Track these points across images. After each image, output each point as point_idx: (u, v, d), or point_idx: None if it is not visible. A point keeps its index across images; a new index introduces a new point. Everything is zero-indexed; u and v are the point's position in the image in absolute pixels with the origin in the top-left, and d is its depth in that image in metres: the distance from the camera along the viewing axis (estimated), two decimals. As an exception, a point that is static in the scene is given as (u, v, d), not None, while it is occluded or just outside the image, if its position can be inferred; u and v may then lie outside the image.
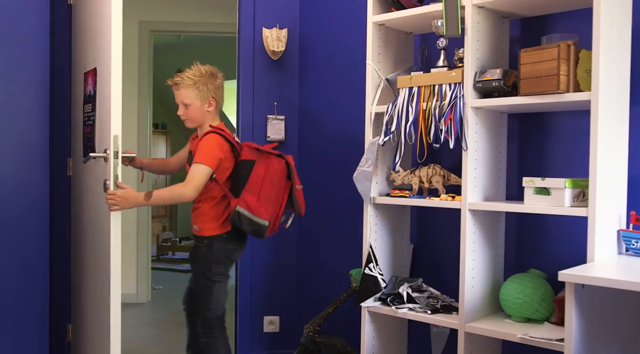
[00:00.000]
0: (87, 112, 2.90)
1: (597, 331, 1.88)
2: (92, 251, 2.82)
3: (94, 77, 2.77)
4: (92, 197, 2.81)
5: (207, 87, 2.58)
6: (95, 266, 2.74)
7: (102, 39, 2.60)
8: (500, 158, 2.50)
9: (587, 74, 2.11)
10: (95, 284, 2.74)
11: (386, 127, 2.53)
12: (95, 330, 2.85)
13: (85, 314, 3.04)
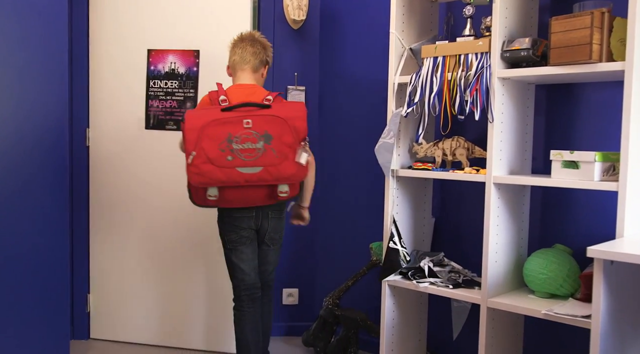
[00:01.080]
0: (164, 88, 3.23)
1: (625, 308, 1.83)
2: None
3: (190, 58, 3.20)
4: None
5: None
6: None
7: (208, 27, 3.15)
8: (526, 130, 2.43)
9: (621, 43, 2.03)
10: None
11: (409, 98, 2.47)
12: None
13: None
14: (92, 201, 3.29)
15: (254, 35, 2.64)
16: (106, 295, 3.32)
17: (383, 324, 2.59)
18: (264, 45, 2.63)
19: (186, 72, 3.22)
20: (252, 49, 2.59)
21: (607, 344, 1.74)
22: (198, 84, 3.20)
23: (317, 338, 3.10)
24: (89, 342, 3.29)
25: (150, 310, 3.32)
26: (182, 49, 3.20)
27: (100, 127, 3.28)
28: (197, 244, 3.26)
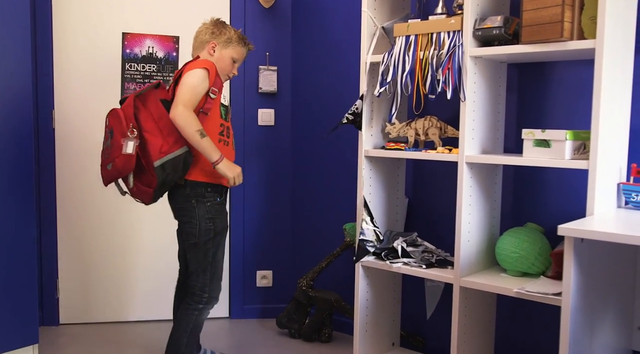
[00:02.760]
0: (142, 71, 3.23)
1: (595, 284, 1.85)
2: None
3: (169, 43, 3.24)
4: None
5: None
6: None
7: (187, 13, 3.20)
8: (498, 110, 2.43)
9: (592, 21, 2.02)
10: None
11: (382, 78, 2.44)
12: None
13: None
14: (59, 184, 3.22)
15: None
16: (75, 280, 3.27)
17: (357, 305, 2.59)
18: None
19: (165, 57, 3.18)
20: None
21: (577, 320, 1.76)
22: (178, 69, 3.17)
23: (291, 319, 3.10)
24: (59, 328, 3.23)
25: (120, 288, 3.29)
26: (161, 34, 3.17)
27: (67, 109, 3.20)
28: (161, 224, 3.22)
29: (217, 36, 2.53)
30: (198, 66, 2.38)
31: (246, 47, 2.60)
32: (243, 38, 2.58)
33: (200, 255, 2.47)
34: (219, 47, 2.52)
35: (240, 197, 3.33)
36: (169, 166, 2.33)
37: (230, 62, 2.55)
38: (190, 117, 2.29)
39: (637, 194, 2.04)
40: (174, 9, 3.18)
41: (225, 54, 2.53)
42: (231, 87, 3.28)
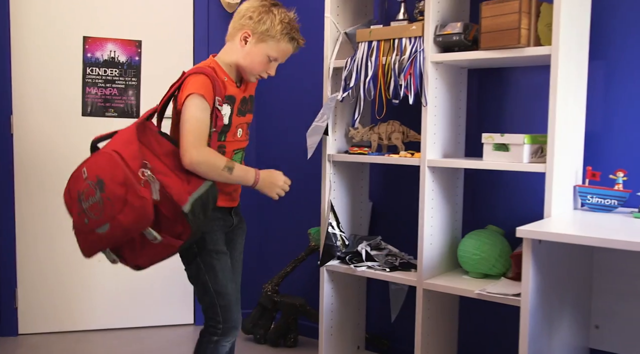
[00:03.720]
0: (104, 75, 3.13)
1: (553, 284, 1.90)
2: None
3: (131, 47, 3.14)
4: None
5: None
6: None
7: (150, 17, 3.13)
8: (459, 114, 2.47)
9: (547, 28, 2.08)
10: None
11: (345, 83, 2.47)
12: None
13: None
14: (18, 191, 3.15)
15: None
16: (35, 288, 3.20)
17: (322, 310, 2.59)
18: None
19: (127, 61, 3.15)
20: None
21: (536, 320, 1.80)
22: (141, 73, 3.16)
23: (256, 325, 3.09)
24: (18, 339, 3.16)
25: (81, 296, 3.24)
26: (123, 38, 3.14)
27: (26, 114, 3.13)
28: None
29: (255, 24, 1.96)
30: (191, 90, 1.85)
31: (293, 43, 2.03)
32: (291, 31, 2.00)
33: (196, 280, 2.01)
34: (254, 39, 1.97)
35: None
36: (198, 206, 1.82)
37: (265, 61, 2.00)
38: (208, 158, 1.85)
39: (592, 196, 2.10)
40: (136, 13, 3.15)
41: (259, 50, 1.98)
42: (195, 92, 3.26)
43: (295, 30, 2.01)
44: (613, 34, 2.22)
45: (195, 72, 1.90)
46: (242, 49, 1.98)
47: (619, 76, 2.21)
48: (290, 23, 2.00)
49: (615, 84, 2.22)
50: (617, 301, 2.16)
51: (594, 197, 2.10)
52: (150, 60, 3.18)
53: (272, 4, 1.99)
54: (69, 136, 3.15)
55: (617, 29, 2.21)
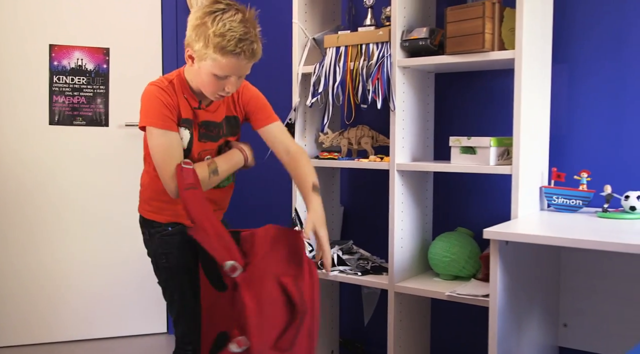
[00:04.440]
0: (71, 84, 3.11)
1: (521, 284, 1.93)
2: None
3: (99, 55, 3.13)
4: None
5: None
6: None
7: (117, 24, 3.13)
8: (427, 118, 2.50)
9: (511, 32, 2.12)
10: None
11: (313, 88, 2.48)
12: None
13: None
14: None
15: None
16: (4, 301, 3.14)
17: (295, 315, 2.59)
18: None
19: (95, 69, 3.12)
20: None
21: (505, 320, 1.82)
22: (109, 81, 3.13)
23: (230, 332, 3.07)
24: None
25: (51, 308, 3.18)
26: (90, 45, 3.11)
27: (-10, 123, 3.09)
28: (89, 241, 3.15)
29: (193, 41, 1.74)
30: (143, 120, 1.79)
31: (236, 56, 1.71)
32: (228, 43, 1.68)
33: (167, 298, 1.97)
34: (196, 57, 1.76)
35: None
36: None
37: (213, 80, 1.75)
38: (176, 182, 1.75)
39: (558, 196, 2.14)
40: (103, 20, 3.13)
41: (203, 69, 1.75)
42: (164, 99, 3.24)
43: (238, 41, 1.69)
44: (575, 38, 2.26)
45: (148, 85, 1.82)
46: (191, 68, 1.79)
47: (582, 79, 2.26)
48: (228, 34, 1.68)
49: (578, 86, 2.27)
50: (585, 299, 2.20)
51: (560, 198, 2.14)
52: (119, 68, 3.16)
53: (210, 11, 1.71)
54: (35, 145, 3.10)
55: (578, 32, 2.25)
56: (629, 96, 2.18)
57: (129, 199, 3.19)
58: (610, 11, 2.20)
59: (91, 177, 3.15)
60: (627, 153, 2.18)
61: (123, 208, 3.19)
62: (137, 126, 3.14)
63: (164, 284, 1.97)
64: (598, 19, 2.22)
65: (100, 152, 3.16)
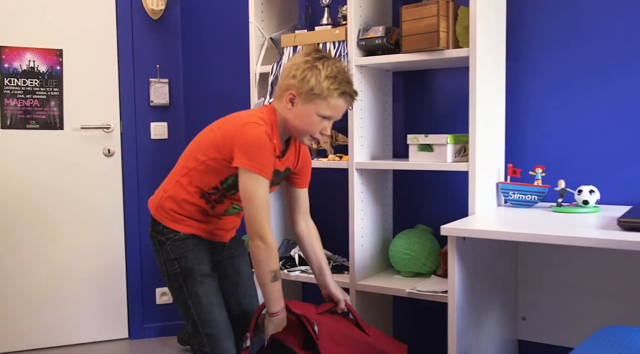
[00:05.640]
0: (23, 86, 3.01)
1: (480, 279, 1.95)
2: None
3: (51, 56, 3.03)
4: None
5: None
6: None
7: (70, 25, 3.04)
8: (386, 116, 2.51)
9: (465, 30, 2.14)
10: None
11: (272, 88, 2.46)
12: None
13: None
14: None
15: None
16: None
17: (257, 316, 2.57)
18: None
19: (48, 71, 3.04)
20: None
21: (464, 315, 1.84)
22: (63, 83, 3.06)
23: (193, 335, 3.03)
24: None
25: (6, 316, 3.09)
26: (43, 47, 3.03)
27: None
28: (59, 246, 3.07)
29: (300, 82, 1.80)
30: (251, 164, 1.74)
31: (345, 97, 1.82)
32: (340, 85, 1.80)
33: (180, 307, 1.90)
34: (300, 99, 1.81)
35: (135, 213, 3.24)
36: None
37: (317, 120, 1.82)
38: (271, 248, 1.78)
39: (514, 192, 2.17)
40: (55, 21, 3.05)
41: (308, 110, 1.81)
42: (120, 101, 3.18)
43: (345, 83, 1.81)
44: (528, 35, 2.30)
45: (256, 126, 1.77)
46: (291, 111, 1.82)
47: (535, 76, 2.30)
48: (339, 76, 1.80)
49: (532, 83, 2.31)
50: (542, 292, 2.24)
51: (516, 194, 2.17)
52: (73, 70, 3.08)
53: (317, 57, 1.81)
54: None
55: (532, 30, 2.29)
56: (580, 93, 2.22)
57: (86, 203, 3.14)
58: (562, 7, 2.24)
59: (46, 181, 3.07)
60: (580, 148, 2.23)
61: (80, 213, 3.13)
62: (94, 128, 3.10)
63: (177, 293, 1.89)
64: (552, 16, 2.26)
65: (55, 156, 3.09)
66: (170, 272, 1.89)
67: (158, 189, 1.97)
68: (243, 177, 1.75)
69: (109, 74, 3.16)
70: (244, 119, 1.80)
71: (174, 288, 1.90)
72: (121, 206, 3.22)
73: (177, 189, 1.90)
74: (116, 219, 3.22)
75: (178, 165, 1.93)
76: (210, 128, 1.90)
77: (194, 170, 1.86)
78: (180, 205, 1.89)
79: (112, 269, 3.23)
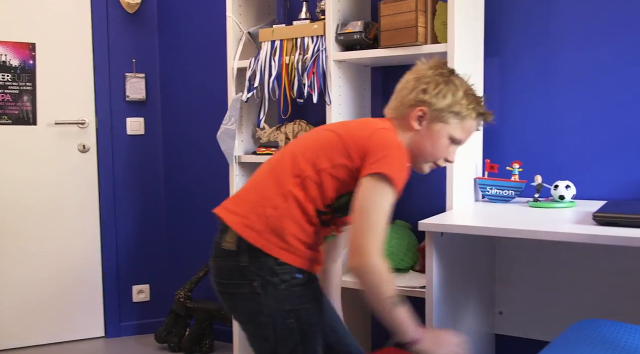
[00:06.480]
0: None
1: (457, 274, 1.95)
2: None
3: (24, 50, 2.95)
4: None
5: None
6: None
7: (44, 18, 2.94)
8: (364, 112, 2.50)
9: (443, 26, 2.14)
10: None
11: (249, 83, 2.44)
12: None
13: None
14: None
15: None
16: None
17: (235, 313, 2.56)
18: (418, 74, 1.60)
19: (20, 65, 2.98)
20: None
21: (441, 310, 1.84)
22: (36, 77, 3.00)
23: (170, 333, 3.01)
24: None
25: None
26: (15, 40, 2.96)
27: None
28: (22, 247, 3.02)
29: (433, 98, 1.53)
30: (390, 170, 1.41)
31: (479, 119, 1.59)
32: (478, 105, 1.57)
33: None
34: (430, 117, 1.54)
35: (111, 210, 3.19)
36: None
37: (447, 144, 1.57)
38: (382, 272, 1.38)
39: (491, 187, 2.18)
40: (28, 14, 2.98)
41: (439, 131, 1.54)
42: (96, 96, 3.13)
43: (482, 103, 1.58)
44: (506, 31, 2.31)
45: (395, 136, 1.50)
46: (417, 131, 1.54)
47: (513, 71, 2.31)
48: (475, 94, 1.57)
49: (510, 79, 2.32)
50: (519, 287, 2.26)
51: (493, 189, 2.18)
52: (46, 64, 3.03)
53: (450, 71, 1.58)
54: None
55: (510, 26, 2.30)
56: (556, 88, 2.24)
57: (60, 200, 3.09)
58: (540, 3, 2.25)
59: (19, 178, 3.02)
60: (556, 144, 2.25)
61: (54, 210, 3.08)
62: (68, 123, 3.05)
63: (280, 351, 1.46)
64: (530, 11, 2.27)
65: (28, 152, 3.03)
66: (279, 325, 1.44)
67: (249, 204, 1.48)
68: (368, 184, 1.40)
69: (84, 69, 3.11)
70: (376, 124, 1.52)
71: (279, 345, 1.44)
72: (97, 202, 3.17)
73: (292, 206, 1.44)
74: (92, 216, 3.17)
75: (278, 172, 1.49)
76: (327, 129, 1.54)
77: (311, 180, 1.45)
78: (302, 229, 1.45)
79: (88, 267, 3.18)
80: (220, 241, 1.49)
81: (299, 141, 1.56)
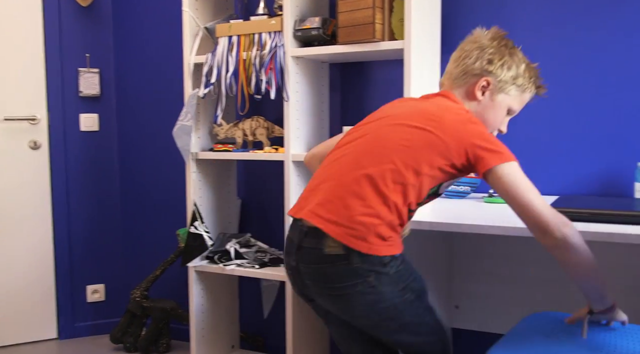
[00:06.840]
0: None
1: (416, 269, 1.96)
2: None
3: None
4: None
5: None
6: None
7: None
8: (322, 108, 2.50)
9: (401, 23, 2.15)
10: None
11: (206, 79, 2.41)
12: None
13: None
14: None
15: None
16: None
17: (192, 311, 2.53)
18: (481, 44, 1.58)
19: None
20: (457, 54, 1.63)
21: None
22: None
23: (125, 333, 2.95)
24: None
25: None
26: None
27: None
28: None
29: (499, 69, 1.54)
30: (507, 157, 1.42)
31: (539, 90, 1.63)
32: (538, 78, 1.61)
33: (424, 331, 1.55)
34: (495, 88, 1.55)
35: (64, 208, 3.11)
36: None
37: (505, 115, 1.60)
38: (581, 239, 1.37)
39: (447, 183, 2.20)
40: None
41: (500, 102, 1.57)
42: (47, 91, 3.04)
43: (540, 77, 1.62)
44: (464, 28, 2.33)
45: (467, 111, 1.52)
46: (480, 101, 1.55)
47: (468, 69, 2.34)
48: (535, 68, 1.60)
49: (465, 76, 2.34)
50: (474, 281, 2.29)
51: (449, 185, 2.20)
52: None
53: (512, 43, 1.59)
54: None
55: (466, 23, 2.33)
56: (511, 86, 2.27)
57: (11, 199, 3.00)
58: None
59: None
60: (511, 141, 2.28)
61: (4, 208, 2.98)
62: (18, 119, 2.96)
63: (418, 322, 1.52)
64: (486, 8, 2.30)
65: (-24, 148, 2.93)
66: (399, 304, 1.47)
67: (348, 212, 1.42)
68: (504, 172, 1.40)
69: (35, 63, 3.02)
70: (457, 114, 1.48)
71: (411, 317, 1.50)
72: (49, 201, 3.09)
73: (394, 214, 1.44)
74: (44, 215, 3.08)
75: (375, 176, 1.43)
76: (415, 126, 1.46)
77: (412, 186, 1.43)
78: (399, 226, 1.47)
79: (40, 267, 3.09)
80: (318, 246, 1.44)
81: (381, 131, 1.50)
